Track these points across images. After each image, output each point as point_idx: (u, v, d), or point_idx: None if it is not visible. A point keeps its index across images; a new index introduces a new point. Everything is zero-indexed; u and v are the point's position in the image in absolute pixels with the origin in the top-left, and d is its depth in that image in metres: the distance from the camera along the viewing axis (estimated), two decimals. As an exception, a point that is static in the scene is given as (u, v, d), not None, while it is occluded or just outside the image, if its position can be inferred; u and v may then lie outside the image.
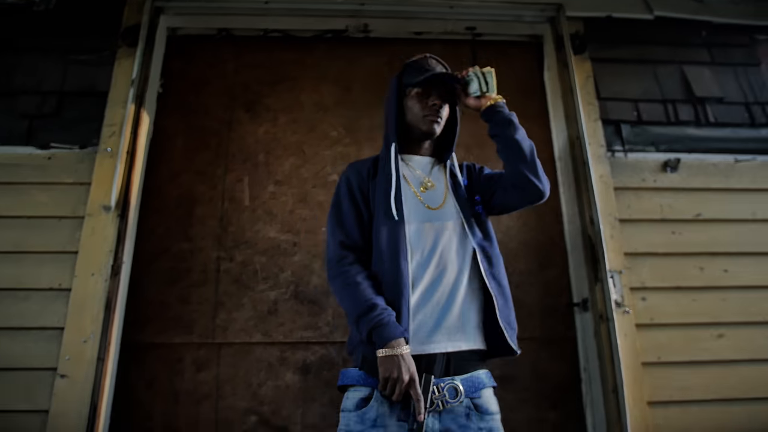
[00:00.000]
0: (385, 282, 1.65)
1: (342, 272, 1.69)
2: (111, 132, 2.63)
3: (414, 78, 1.84)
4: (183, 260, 2.69)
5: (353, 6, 2.99)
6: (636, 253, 2.60)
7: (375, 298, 1.59)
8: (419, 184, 1.84)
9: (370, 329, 1.54)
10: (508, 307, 1.72)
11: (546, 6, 3.02)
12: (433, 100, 1.83)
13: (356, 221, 1.78)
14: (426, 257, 1.70)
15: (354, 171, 1.89)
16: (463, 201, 1.83)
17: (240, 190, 2.83)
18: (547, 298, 2.74)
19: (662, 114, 2.86)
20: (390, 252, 1.67)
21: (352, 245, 1.75)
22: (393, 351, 1.51)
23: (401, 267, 1.64)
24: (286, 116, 2.97)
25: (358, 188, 1.83)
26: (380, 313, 1.55)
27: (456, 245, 1.74)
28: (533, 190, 1.76)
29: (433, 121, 1.83)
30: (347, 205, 1.81)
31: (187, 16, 3.02)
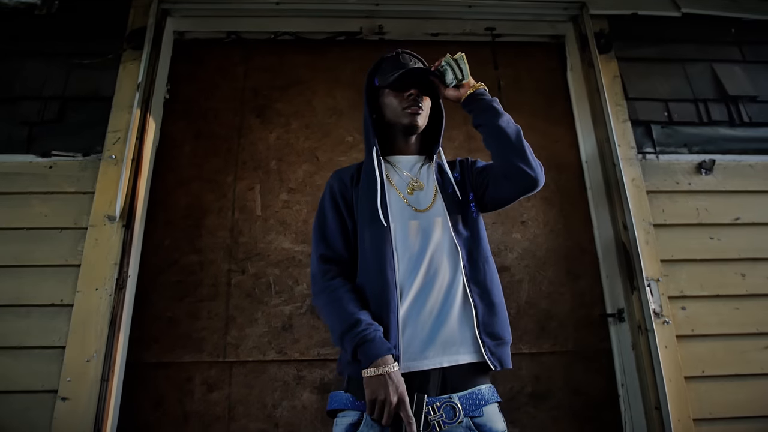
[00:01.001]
0: (370, 294, 1.55)
1: (325, 287, 1.58)
2: (115, 138, 2.49)
3: (386, 77, 1.71)
4: (192, 273, 2.54)
5: (367, 6, 2.86)
6: (673, 259, 2.45)
7: (359, 313, 1.48)
8: (406, 185, 1.72)
9: (355, 347, 1.44)
10: (493, 315, 1.57)
11: (569, 4, 2.90)
12: (410, 91, 1.70)
13: (340, 232, 1.68)
14: (414, 264, 1.57)
15: (337, 178, 1.79)
16: (452, 199, 1.70)
17: (251, 198, 2.68)
18: (579, 308, 2.58)
19: (694, 114, 2.73)
20: (375, 261, 1.57)
21: (334, 258, 1.64)
22: (379, 370, 1.40)
23: (387, 276, 1.53)
24: (299, 121, 2.84)
25: (341, 196, 1.73)
26: (365, 329, 1.44)
27: (447, 248, 1.61)
28: (525, 178, 1.58)
29: (414, 113, 1.70)
30: (331, 215, 1.71)
31: (194, 19, 2.90)
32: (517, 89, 2.96)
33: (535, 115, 2.90)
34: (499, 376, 2.44)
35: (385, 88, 1.74)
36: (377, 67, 1.81)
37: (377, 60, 1.83)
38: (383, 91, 1.76)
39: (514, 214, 2.71)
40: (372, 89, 1.81)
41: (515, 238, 2.68)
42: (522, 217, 2.71)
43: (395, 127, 1.76)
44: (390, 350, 1.43)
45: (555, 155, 2.83)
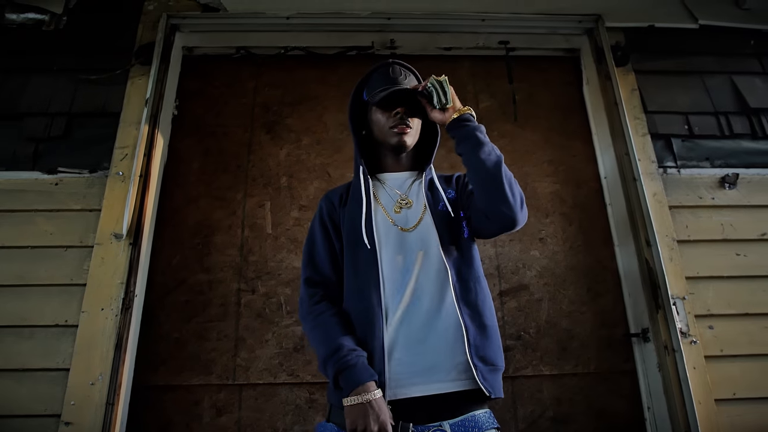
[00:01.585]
0: (355, 318, 1.49)
1: (311, 311, 1.53)
2: (123, 155, 2.43)
3: (374, 94, 1.65)
4: (200, 293, 2.47)
5: (379, 20, 2.82)
6: (698, 277, 2.36)
7: (341, 338, 1.42)
8: (393, 204, 1.64)
9: (336, 374, 1.38)
10: (485, 338, 1.47)
11: (583, 17, 2.85)
12: (397, 109, 1.63)
13: (328, 254, 1.62)
14: (399, 285, 1.50)
15: (326, 200, 1.73)
16: (443, 217, 1.59)
17: (261, 216, 2.61)
18: (601, 328, 2.49)
19: (715, 127, 2.66)
20: (359, 284, 1.51)
21: (321, 281, 1.59)
22: (360, 398, 1.33)
23: (371, 299, 1.47)
24: (310, 137, 2.78)
25: (329, 218, 1.67)
26: (346, 355, 1.38)
27: (435, 268, 1.52)
28: (503, 220, 1.47)
29: (401, 132, 1.62)
30: (319, 237, 1.65)
31: (203, 34, 2.85)
32: (532, 103, 2.90)
33: (551, 130, 2.84)
34: (518, 399, 2.35)
35: (374, 104, 1.67)
36: (367, 80, 1.74)
37: (367, 71, 1.75)
38: (371, 107, 1.69)
39: (532, 230, 2.64)
40: (361, 103, 1.74)
41: (533, 255, 2.60)
42: (540, 233, 2.63)
43: (383, 145, 1.69)
44: (372, 376, 1.36)
45: (572, 170, 2.76)
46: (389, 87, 1.61)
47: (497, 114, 2.86)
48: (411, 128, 1.64)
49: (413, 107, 1.66)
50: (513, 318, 2.49)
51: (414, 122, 1.67)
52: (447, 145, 2.76)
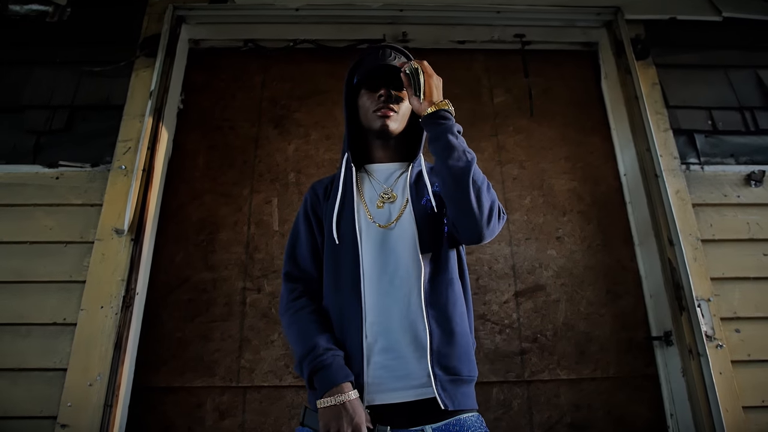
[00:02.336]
0: (334, 317, 1.43)
1: (289, 308, 1.46)
2: (126, 148, 2.36)
3: (360, 74, 1.57)
4: (204, 291, 2.38)
5: (391, 12, 2.73)
6: (724, 278, 2.26)
7: (318, 337, 1.35)
8: (376, 198, 1.54)
9: (311, 373, 1.31)
10: (450, 345, 1.37)
11: (602, 9, 2.75)
12: (382, 90, 1.54)
13: (310, 249, 1.55)
14: (378, 284, 1.41)
15: (311, 192, 1.65)
16: (424, 212, 1.49)
17: (268, 212, 2.53)
18: (622, 330, 2.38)
19: (740, 122, 2.55)
20: (338, 281, 1.44)
21: (301, 276, 1.52)
22: (334, 399, 1.26)
23: (351, 298, 1.40)
24: (319, 132, 2.69)
25: (312, 211, 1.60)
26: (322, 354, 1.31)
27: (410, 270, 1.42)
28: (467, 232, 1.38)
29: (384, 116, 1.53)
30: (302, 231, 1.58)
31: (210, 26, 2.78)
32: (549, 99, 2.80)
33: (568, 125, 2.74)
34: (535, 404, 2.25)
35: (362, 88, 1.59)
36: (359, 64, 1.63)
37: (359, 56, 1.65)
38: (360, 91, 1.60)
39: (549, 229, 2.54)
40: (353, 88, 1.64)
41: (550, 254, 2.49)
42: (557, 232, 2.53)
43: (369, 133, 1.60)
44: (348, 377, 1.29)
45: (590, 167, 2.66)
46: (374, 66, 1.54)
47: (513, 109, 2.77)
48: (396, 112, 1.54)
49: (400, 89, 1.57)
50: (529, 320, 2.39)
51: (401, 106, 1.57)
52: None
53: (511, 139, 2.70)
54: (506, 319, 2.38)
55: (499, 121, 2.74)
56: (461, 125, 1.47)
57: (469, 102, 2.76)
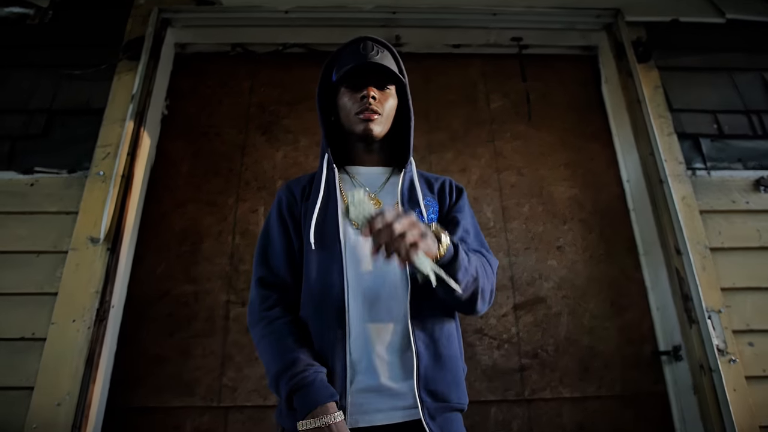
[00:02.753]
0: (314, 330, 1.29)
1: (262, 317, 1.31)
2: (105, 153, 2.25)
3: (339, 72, 1.44)
4: (185, 305, 2.25)
5: (384, 15, 2.64)
6: (735, 288, 2.13)
7: (297, 351, 1.22)
8: None
9: (290, 392, 1.17)
10: (439, 369, 1.27)
11: (602, 12, 2.66)
12: (364, 90, 1.42)
13: (285, 253, 1.40)
14: (364, 297, 1.29)
15: (286, 191, 1.50)
16: None
17: (254, 222, 2.41)
18: (627, 345, 2.25)
19: (747, 126, 2.45)
20: (321, 291, 1.30)
21: (276, 283, 1.37)
22: (318, 421, 1.13)
23: (334, 310, 1.27)
24: (308, 138, 2.58)
25: (289, 212, 1.45)
26: (303, 371, 1.18)
27: (396, 285, 1.32)
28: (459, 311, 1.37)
29: (367, 119, 1.41)
30: (276, 233, 1.43)
31: (197, 29, 2.68)
32: (548, 104, 2.69)
33: (568, 131, 2.63)
34: (536, 424, 2.11)
35: (341, 86, 1.46)
36: (336, 58, 1.51)
37: (336, 50, 1.52)
38: (339, 88, 1.47)
39: (549, 238, 2.42)
40: (330, 85, 1.52)
41: (551, 265, 2.37)
42: (558, 242, 2.41)
43: (351, 135, 1.47)
44: (332, 396, 1.17)
45: (591, 173, 2.55)
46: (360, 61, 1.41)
47: (510, 114, 2.66)
48: (380, 114, 1.42)
49: (384, 86, 1.45)
50: (529, 334, 2.25)
51: (385, 106, 1.45)
52: (430, 140, 2.57)
53: (509, 146, 2.59)
54: (505, 333, 2.25)
55: (496, 127, 2.63)
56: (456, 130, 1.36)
57: (465, 108, 2.66)
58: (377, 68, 1.43)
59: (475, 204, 2.44)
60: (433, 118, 2.62)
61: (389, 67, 1.43)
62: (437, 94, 2.68)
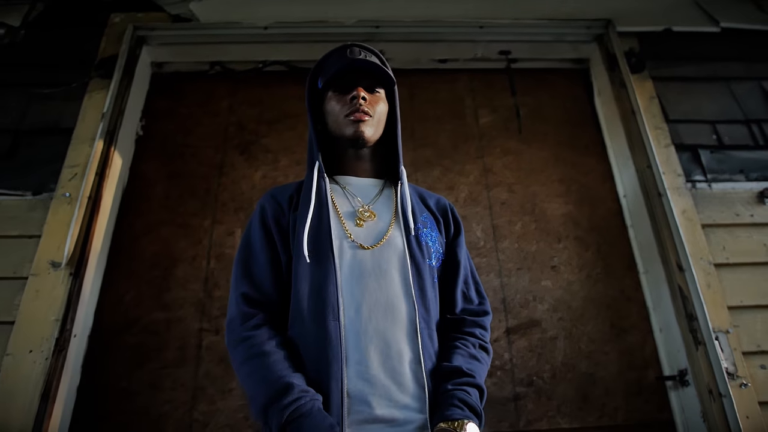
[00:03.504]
0: (306, 352, 1.17)
1: (245, 338, 1.17)
2: (72, 174, 2.13)
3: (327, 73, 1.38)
4: (155, 334, 2.11)
5: (367, 29, 2.55)
6: (743, 306, 1.99)
7: (291, 376, 1.09)
8: (354, 214, 1.33)
9: (283, 423, 1.04)
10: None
11: (592, 23, 2.57)
12: (353, 91, 1.34)
13: (270, 267, 1.28)
14: (364, 317, 1.19)
15: (270, 200, 1.39)
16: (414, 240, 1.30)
17: (230, 245, 2.28)
18: (629, 370, 2.10)
19: (747, 136, 2.34)
20: (313, 308, 1.18)
21: (261, 300, 1.25)
22: None
23: (329, 330, 1.15)
24: (288, 158, 2.47)
25: (274, 222, 1.33)
26: (299, 398, 1.05)
27: (399, 305, 1.22)
28: None
29: (358, 120, 1.32)
30: (259, 245, 1.31)
31: (174, 47, 2.59)
32: (539, 118, 2.59)
33: (561, 145, 2.52)
34: (534, 458, 1.94)
35: (328, 91, 1.39)
36: (322, 65, 1.45)
37: (322, 56, 1.46)
38: (327, 94, 1.39)
39: (543, 258, 2.28)
40: (317, 93, 1.45)
41: (545, 286, 2.23)
42: (552, 261, 2.28)
43: (341, 141, 1.38)
44: (333, 428, 1.04)
45: (586, 188, 2.43)
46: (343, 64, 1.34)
47: (500, 130, 2.55)
48: (371, 116, 1.34)
49: (374, 89, 1.37)
50: (523, 360, 2.10)
51: (376, 108, 1.36)
52: (415, 157, 2.46)
53: (499, 161, 2.47)
54: (497, 359, 2.10)
55: (485, 143, 2.52)
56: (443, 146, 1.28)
57: (452, 123, 2.56)
58: (365, 68, 1.35)
59: (464, 223, 2.30)
60: (419, 135, 2.51)
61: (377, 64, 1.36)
62: (423, 110, 2.58)
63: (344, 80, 1.37)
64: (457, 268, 1.39)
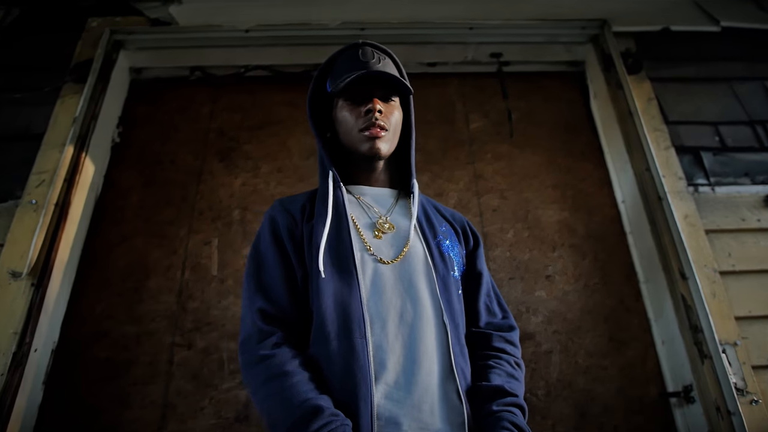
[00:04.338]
0: (330, 372, 1.08)
1: (262, 357, 1.09)
2: (39, 180, 2.03)
3: (338, 82, 1.27)
4: (125, 348, 1.99)
5: (352, 31, 2.45)
6: (751, 316, 1.86)
7: (318, 399, 1.01)
8: (372, 226, 1.25)
9: None
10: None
11: (587, 23, 2.47)
12: (368, 104, 1.24)
13: (285, 281, 1.20)
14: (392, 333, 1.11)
15: (281, 210, 1.30)
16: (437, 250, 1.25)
17: (207, 255, 2.17)
18: (630, 386, 1.96)
19: (752, 138, 2.23)
20: (337, 326, 1.10)
21: (279, 316, 1.16)
22: None
23: (356, 347, 1.07)
24: (270, 165, 2.37)
25: (287, 234, 1.24)
26: (329, 422, 0.97)
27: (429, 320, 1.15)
28: None
29: (373, 137, 1.24)
30: (272, 258, 1.23)
31: (152, 51, 2.50)
32: (532, 123, 2.48)
33: (555, 150, 2.41)
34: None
35: (339, 98, 1.29)
36: (330, 67, 1.35)
37: (330, 56, 1.35)
38: (337, 100, 1.30)
39: (537, 267, 2.16)
40: (324, 96, 1.35)
41: (539, 297, 2.10)
42: (547, 270, 2.15)
43: (353, 153, 1.29)
44: None
45: (582, 194, 2.31)
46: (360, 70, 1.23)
47: (491, 134, 2.45)
48: (387, 130, 1.25)
49: (389, 98, 1.28)
50: (516, 376, 1.96)
51: (391, 120, 1.27)
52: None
53: (490, 167, 2.36)
54: (489, 375, 1.96)
55: (476, 148, 2.41)
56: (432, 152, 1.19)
57: (442, 128, 2.45)
58: (381, 78, 1.25)
59: (454, 230, 2.20)
60: (407, 140, 2.40)
61: (395, 75, 1.25)
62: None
63: (358, 89, 1.27)
64: (479, 281, 1.35)
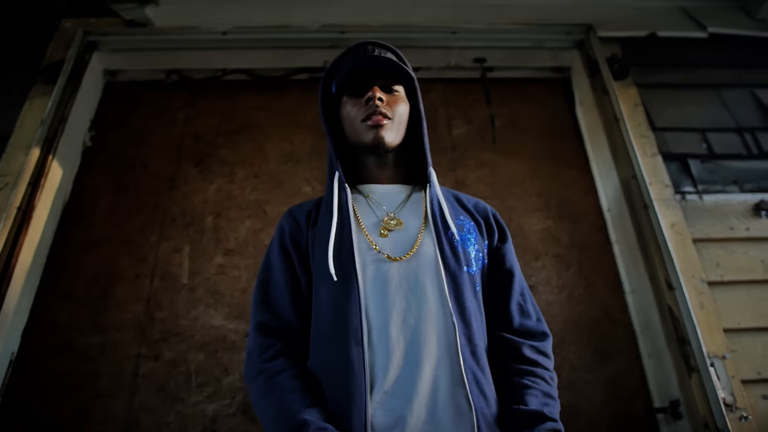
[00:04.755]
0: (326, 382, 1.07)
1: (262, 370, 1.09)
2: (3, 183, 1.95)
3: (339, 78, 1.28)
4: (88, 360, 1.90)
5: (332, 35, 2.39)
6: (740, 328, 1.79)
7: (306, 412, 0.99)
8: (378, 224, 1.20)
9: None
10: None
11: (572, 28, 2.42)
12: (369, 92, 1.23)
13: (290, 291, 1.20)
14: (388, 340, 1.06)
15: (288, 218, 1.30)
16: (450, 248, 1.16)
17: (177, 263, 2.08)
18: (615, 401, 1.88)
19: (740, 145, 2.17)
20: (332, 332, 1.08)
21: (279, 328, 1.16)
22: None
23: (351, 356, 1.03)
24: (246, 170, 2.30)
25: (292, 242, 1.24)
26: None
27: (437, 322, 1.09)
28: None
29: (376, 125, 1.21)
30: (278, 269, 1.23)
31: (127, 53, 2.43)
32: (516, 130, 2.42)
33: (540, 158, 2.35)
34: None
35: (343, 95, 1.26)
36: (334, 68, 1.33)
37: (334, 58, 1.34)
38: (341, 99, 1.27)
39: (519, 276, 2.08)
40: (332, 98, 1.32)
41: (522, 307, 2.02)
42: (530, 280, 2.07)
43: (360, 149, 1.26)
44: None
45: (567, 203, 2.25)
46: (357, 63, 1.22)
47: (475, 140, 2.38)
48: (390, 118, 1.21)
49: (391, 88, 1.25)
50: (497, 390, 1.88)
51: (395, 109, 1.23)
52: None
53: (473, 174, 2.30)
54: (468, 389, 1.88)
55: (458, 154, 2.34)
56: None
57: (424, 134, 2.38)
58: (380, 66, 1.24)
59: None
60: (388, 146, 2.34)
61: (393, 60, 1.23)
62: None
63: (358, 81, 1.26)
64: (511, 278, 1.27)
